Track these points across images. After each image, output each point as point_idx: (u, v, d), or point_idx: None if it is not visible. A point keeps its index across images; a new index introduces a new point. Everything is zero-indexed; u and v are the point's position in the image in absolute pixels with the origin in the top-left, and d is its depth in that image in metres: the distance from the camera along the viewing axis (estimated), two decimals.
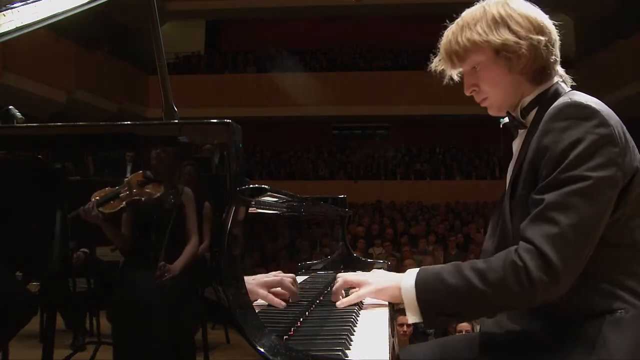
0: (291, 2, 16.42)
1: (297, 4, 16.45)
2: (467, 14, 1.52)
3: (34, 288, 1.15)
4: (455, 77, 1.61)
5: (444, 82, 1.63)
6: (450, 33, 1.53)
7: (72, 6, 1.56)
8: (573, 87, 1.54)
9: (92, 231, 1.12)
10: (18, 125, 1.31)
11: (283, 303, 1.39)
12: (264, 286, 1.37)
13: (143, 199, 1.09)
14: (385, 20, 16.83)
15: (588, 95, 1.42)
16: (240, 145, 1.08)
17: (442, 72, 1.59)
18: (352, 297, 1.55)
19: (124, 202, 1.08)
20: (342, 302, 1.56)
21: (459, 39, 1.49)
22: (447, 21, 1.57)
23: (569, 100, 1.39)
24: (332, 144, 17.85)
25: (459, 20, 1.53)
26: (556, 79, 1.52)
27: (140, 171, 1.09)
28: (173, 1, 16.18)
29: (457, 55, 1.51)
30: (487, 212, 12.30)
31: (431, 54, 1.60)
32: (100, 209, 1.08)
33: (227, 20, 18.55)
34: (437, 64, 1.58)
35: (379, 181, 15.87)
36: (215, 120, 1.07)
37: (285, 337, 1.31)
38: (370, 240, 10.01)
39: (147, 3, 1.81)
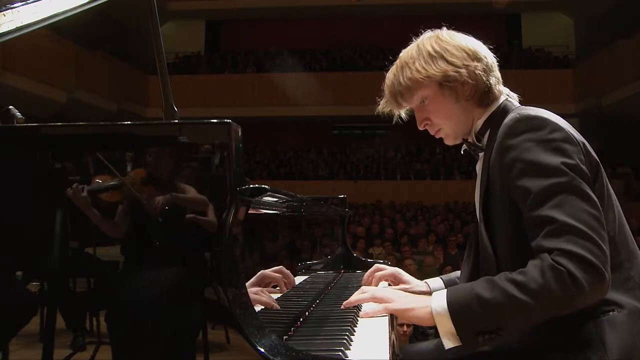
0: (291, 2, 16.41)
1: (297, 4, 16.44)
2: (404, 54, 1.59)
3: (34, 288, 1.15)
4: (404, 116, 1.65)
5: (394, 122, 1.67)
6: (392, 75, 1.59)
7: (72, 6, 1.56)
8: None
9: (93, 230, 1.12)
10: (18, 125, 1.31)
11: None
12: None
13: (142, 197, 1.09)
14: (385, 20, 16.82)
15: (536, 108, 1.46)
16: (240, 145, 1.08)
17: (390, 112, 1.63)
18: (378, 309, 1.48)
19: (121, 196, 1.09)
20: (366, 313, 1.53)
21: (401, 79, 1.55)
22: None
23: (517, 115, 1.42)
24: (332, 144, 17.84)
25: (397, 62, 1.59)
26: (503, 97, 1.56)
27: (143, 168, 1.09)
28: (173, 1, 16.17)
29: (401, 95, 1.56)
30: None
31: None
32: (92, 195, 1.08)
33: (227, 20, 18.54)
34: (383, 105, 1.63)
35: (379, 181, 15.85)
36: (215, 120, 1.07)
37: (285, 337, 1.31)
38: (370, 240, 10.01)
39: (147, 3, 1.80)
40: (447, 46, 1.52)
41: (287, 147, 17.43)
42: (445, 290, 1.37)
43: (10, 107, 1.34)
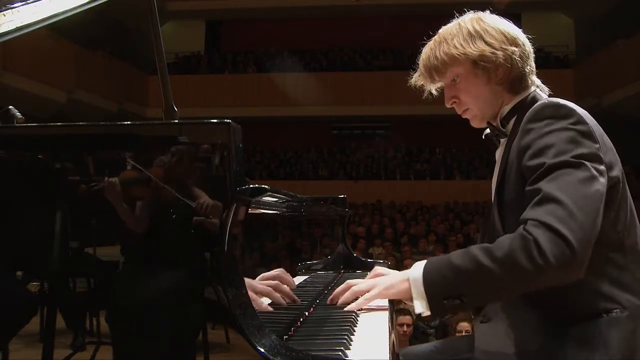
0: (291, 2, 16.42)
1: (297, 4, 16.45)
2: (444, 30, 1.60)
3: (34, 288, 1.15)
4: (434, 92, 1.67)
5: (424, 97, 1.69)
6: (428, 49, 1.60)
7: (72, 6, 1.55)
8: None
9: (92, 230, 1.13)
10: (18, 125, 1.31)
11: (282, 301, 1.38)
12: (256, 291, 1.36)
13: (142, 197, 1.09)
14: (385, 20, 16.82)
15: (565, 100, 1.46)
16: (240, 145, 1.08)
17: (422, 87, 1.65)
18: (361, 301, 1.48)
19: (137, 194, 1.09)
20: (351, 307, 1.51)
21: (437, 53, 1.56)
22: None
23: (546, 101, 1.44)
24: (332, 144, 17.85)
25: (435, 37, 1.60)
26: (533, 88, 1.57)
27: (158, 167, 1.09)
28: (173, 1, 16.18)
29: (436, 70, 1.57)
30: (486, 212, 12.29)
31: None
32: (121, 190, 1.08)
33: (227, 20, 18.55)
34: (416, 79, 1.65)
35: (379, 181, 15.86)
36: (215, 120, 1.07)
37: (285, 337, 1.31)
38: (370, 240, 10.02)
39: (147, 3, 1.81)
40: (487, 27, 1.54)
41: (287, 147, 17.44)
42: (425, 261, 1.39)
43: (10, 107, 1.34)
